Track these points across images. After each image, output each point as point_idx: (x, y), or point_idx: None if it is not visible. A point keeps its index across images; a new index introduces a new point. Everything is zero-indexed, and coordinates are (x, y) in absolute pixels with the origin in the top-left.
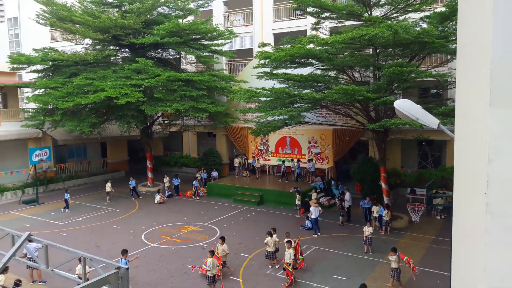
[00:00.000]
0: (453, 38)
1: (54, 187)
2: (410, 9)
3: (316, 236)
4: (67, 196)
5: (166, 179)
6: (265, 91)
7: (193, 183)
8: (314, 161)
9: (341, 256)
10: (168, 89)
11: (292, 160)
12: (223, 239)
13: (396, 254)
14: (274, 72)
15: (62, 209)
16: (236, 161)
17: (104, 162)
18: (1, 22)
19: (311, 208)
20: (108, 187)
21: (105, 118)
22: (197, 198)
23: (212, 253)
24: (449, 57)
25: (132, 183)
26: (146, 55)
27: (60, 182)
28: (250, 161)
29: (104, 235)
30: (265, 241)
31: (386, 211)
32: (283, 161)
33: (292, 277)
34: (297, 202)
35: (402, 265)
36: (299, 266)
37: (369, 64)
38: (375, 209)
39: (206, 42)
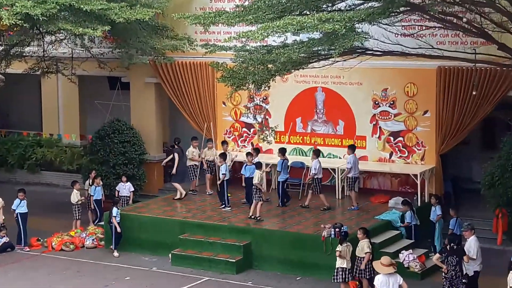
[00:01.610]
0: None
1: None
2: None
3: None
4: None
5: None
6: None
7: (113, 212)
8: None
9: None
10: None
11: (282, 153)
12: None
13: None
14: None
15: None
16: (195, 154)
17: None
18: None
19: (377, 281)
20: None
21: None
22: (115, 255)
23: None
24: None
25: None
26: None
27: None
28: (216, 152)
29: None
30: None
31: None
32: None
33: None
34: (339, 265)
35: None
36: None
37: None
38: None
39: None
